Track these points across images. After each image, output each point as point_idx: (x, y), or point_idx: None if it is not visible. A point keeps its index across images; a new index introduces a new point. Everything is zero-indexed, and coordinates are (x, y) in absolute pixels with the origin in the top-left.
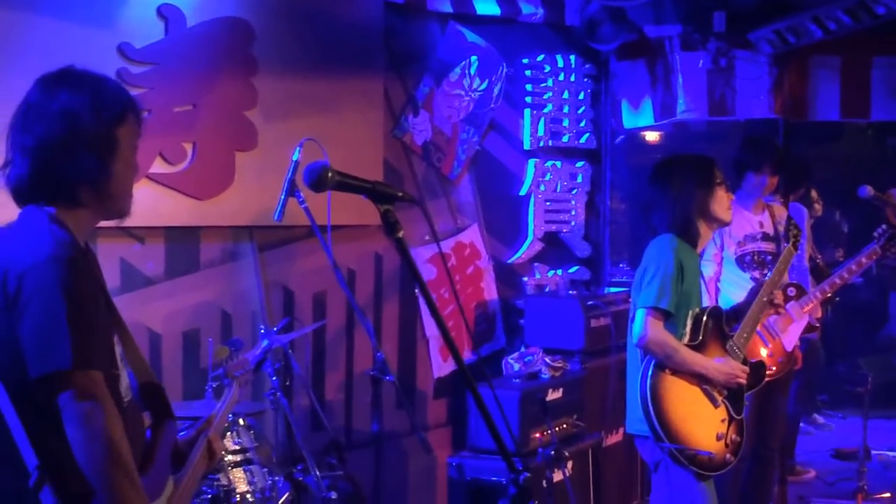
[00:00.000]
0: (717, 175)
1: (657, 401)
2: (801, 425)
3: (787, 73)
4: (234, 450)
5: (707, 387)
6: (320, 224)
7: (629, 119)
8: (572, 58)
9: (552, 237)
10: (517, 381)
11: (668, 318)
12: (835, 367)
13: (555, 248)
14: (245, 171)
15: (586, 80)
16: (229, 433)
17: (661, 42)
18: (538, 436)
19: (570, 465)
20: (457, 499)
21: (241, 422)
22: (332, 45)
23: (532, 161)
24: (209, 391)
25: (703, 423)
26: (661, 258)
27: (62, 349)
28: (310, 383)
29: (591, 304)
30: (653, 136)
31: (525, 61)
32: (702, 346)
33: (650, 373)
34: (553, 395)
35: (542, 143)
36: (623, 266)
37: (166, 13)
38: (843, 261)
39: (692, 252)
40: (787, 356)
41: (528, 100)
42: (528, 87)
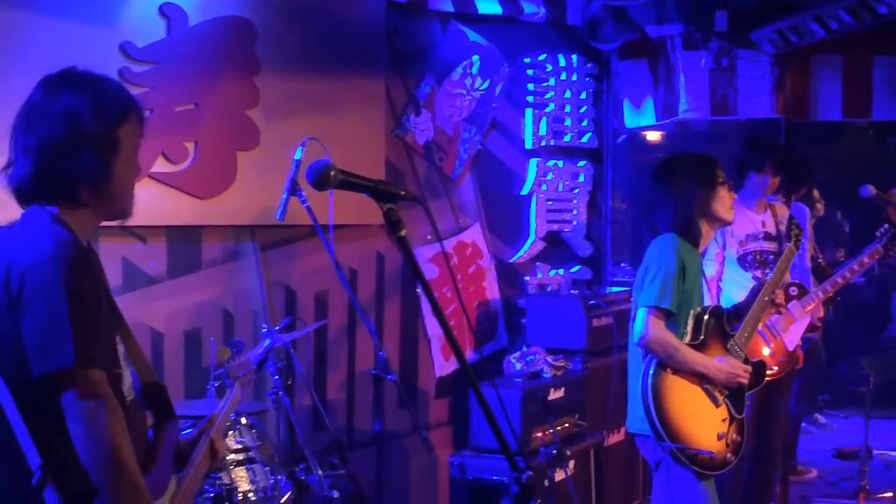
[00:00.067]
0: (719, 174)
1: (658, 400)
2: (803, 425)
3: (788, 72)
4: (236, 449)
5: (708, 386)
6: (322, 223)
7: (631, 118)
8: (574, 57)
9: (554, 236)
10: (519, 380)
11: (669, 317)
12: (836, 367)
13: (556, 248)
14: (247, 170)
15: (588, 79)
16: (231, 432)
17: (662, 41)
18: (540, 435)
19: (571, 464)
20: (458, 498)
21: (244, 421)
22: (333, 45)
23: (534, 160)
24: (211, 390)
25: (704, 422)
26: (663, 257)
27: (64, 348)
28: (312, 382)
29: (592, 303)
30: (654, 136)
31: (527, 61)
32: (703, 346)
33: (651, 372)
34: (555, 395)
35: (543, 143)
36: (625, 265)
37: (168, 12)
38: (844, 260)
39: (694, 251)
40: (788, 356)
41: (530, 99)
42: (530, 86)
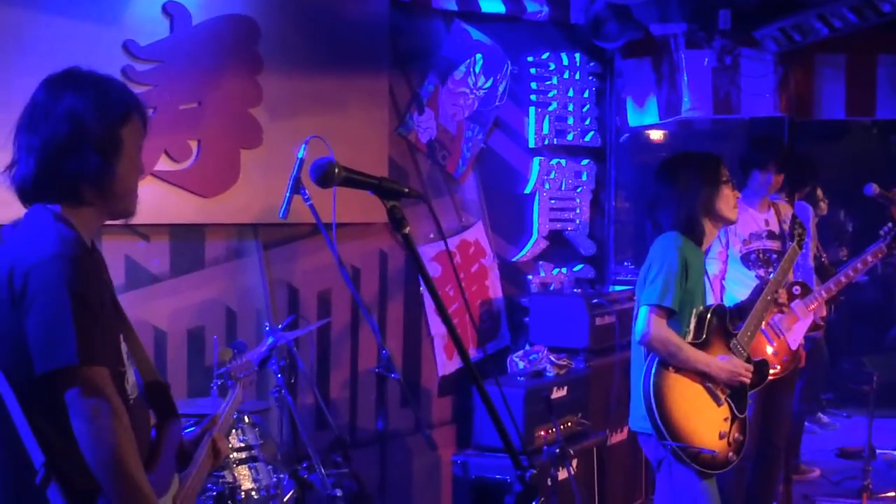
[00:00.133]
0: (723, 173)
1: (660, 398)
2: (806, 424)
3: (792, 71)
4: (239, 447)
5: (710, 385)
6: (325, 222)
7: (634, 117)
8: (577, 56)
9: (557, 235)
10: (522, 379)
11: (671, 315)
12: (840, 366)
13: (559, 247)
14: (250, 168)
15: (591, 78)
16: (234, 430)
17: (666, 40)
18: (543, 434)
19: (574, 463)
20: (461, 497)
21: (247, 419)
22: (337, 43)
23: (537, 159)
24: (214, 388)
25: (706, 421)
26: (666, 256)
27: (68, 345)
28: (315, 381)
29: (595, 302)
30: (657, 135)
31: (530, 59)
32: (705, 345)
33: (653, 370)
34: (558, 394)
35: (546, 142)
36: (627, 264)
37: (171, 11)
38: (847, 260)
39: (697, 250)
40: (791, 355)
41: (533, 98)
42: (533, 85)
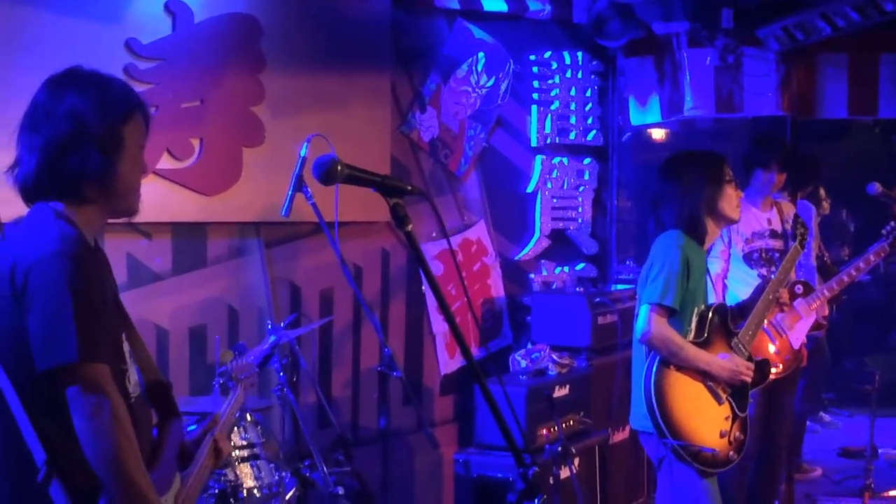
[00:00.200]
0: (726, 172)
1: (661, 397)
2: (808, 423)
3: (794, 70)
4: (241, 445)
5: (711, 383)
6: (328, 220)
7: (636, 116)
8: (580, 54)
9: (559, 234)
10: (524, 377)
11: (672, 314)
12: (842, 365)
13: (562, 246)
14: (252, 167)
15: (593, 76)
16: (237, 428)
17: (668, 39)
18: (545, 432)
19: (576, 461)
20: (463, 495)
21: (249, 417)
22: (339, 42)
23: (539, 158)
24: (216, 387)
25: (707, 420)
26: (668, 255)
27: (68, 343)
28: (317, 379)
29: (597, 301)
30: (659, 134)
31: (532, 58)
32: (707, 343)
33: (655, 369)
34: (560, 392)
35: (549, 140)
36: (629, 263)
37: (174, 9)
38: (849, 259)
39: (699, 249)
40: (794, 354)
41: (536, 96)
42: (536, 83)
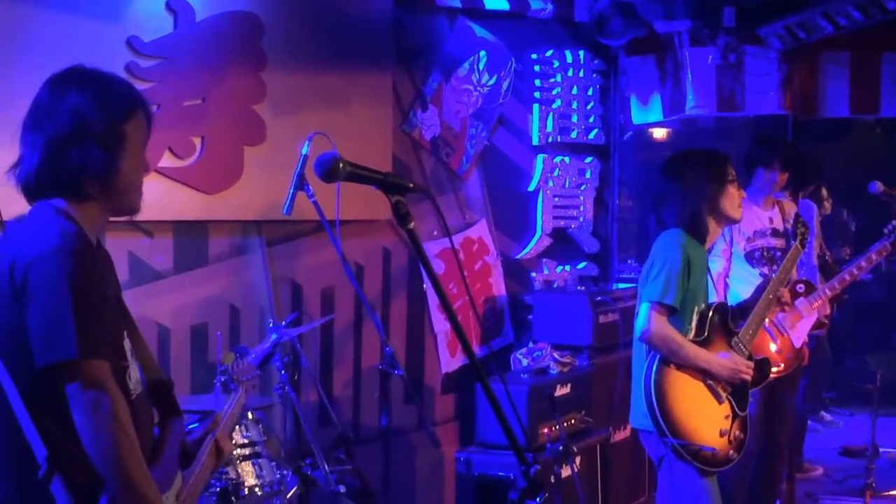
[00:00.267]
0: (729, 172)
1: (661, 395)
2: (809, 423)
3: (796, 69)
4: (242, 443)
5: (711, 382)
6: (329, 218)
7: (638, 115)
8: (581, 53)
9: (560, 233)
10: (525, 376)
11: (672, 313)
12: (843, 364)
13: (563, 244)
14: (253, 165)
15: (595, 75)
16: (238, 427)
17: (670, 38)
18: (546, 431)
19: (578, 460)
20: (464, 493)
21: (250, 415)
22: (341, 40)
23: (540, 156)
24: (217, 385)
25: (707, 418)
26: (669, 253)
27: (68, 339)
28: (318, 378)
29: (599, 299)
30: (661, 133)
31: (534, 56)
32: (707, 342)
33: (654, 367)
34: (561, 391)
35: (550, 139)
36: (631, 262)
37: (175, 7)
38: (850, 258)
39: (700, 248)
40: (795, 353)
41: (537, 95)
42: (537, 82)
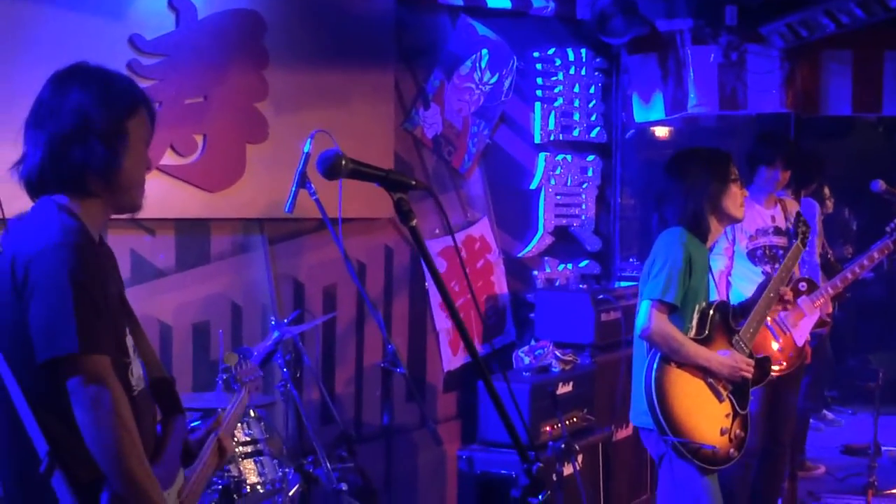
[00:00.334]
0: (732, 171)
1: (662, 393)
2: (811, 421)
3: (798, 67)
4: (244, 441)
5: (712, 380)
6: (331, 216)
7: (640, 113)
8: (583, 51)
9: (562, 231)
10: (527, 374)
11: (672, 311)
12: (845, 363)
13: (565, 242)
14: (256, 163)
15: (597, 73)
16: (240, 424)
17: (672, 36)
18: (548, 429)
19: (580, 458)
20: (466, 492)
21: (252, 413)
22: (343, 38)
23: (542, 155)
24: (219, 383)
25: (708, 417)
26: (670, 251)
27: (69, 333)
28: (320, 375)
29: (601, 298)
30: (663, 131)
31: (536, 55)
32: (708, 341)
33: (655, 365)
34: (563, 389)
35: (552, 137)
36: (633, 260)
37: (177, 5)
38: (852, 257)
39: (701, 246)
40: (797, 351)
41: (539, 93)
42: (539, 80)
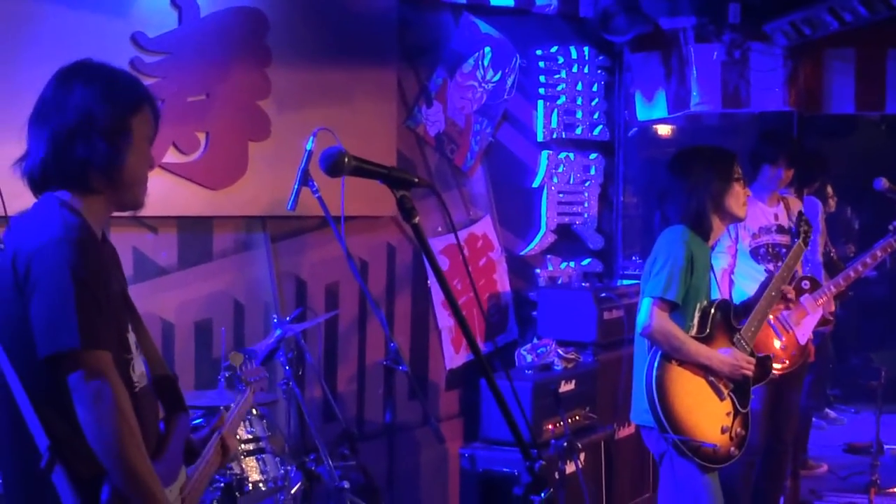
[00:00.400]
0: (735, 170)
1: (662, 391)
2: (814, 420)
3: (801, 65)
4: (247, 439)
5: (713, 379)
6: (334, 214)
7: (643, 111)
8: (586, 49)
9: (565, 229)
10: (530, 372)
11: (673, 309)
12: (848, 362)
13: (567, 241)
14: (258, 161)
15: (600, 71)
16: (242, 422)
17: (675, 34)
18: (551, 427)
19: (582, 456)
20: (469, 490)
21: (254, 411)
22: (345, 36)
23: (545, 153)
24: (221, 381)
25: (708, 415)
26: (672, 249)
27: (70, 329)
28: (322, 373)
29: (603, 296)
30: (666, 129)
31: (539, 53)
32: (709, 339)
33: (656, 363)
34: (566, 387)
35: (555, 135)
36: (635, 259)
37: (180, 2)
38: (854, 255)
39: (703, 245)
40: (800, 349)
41: (542, 91)
42: (542, 78)
